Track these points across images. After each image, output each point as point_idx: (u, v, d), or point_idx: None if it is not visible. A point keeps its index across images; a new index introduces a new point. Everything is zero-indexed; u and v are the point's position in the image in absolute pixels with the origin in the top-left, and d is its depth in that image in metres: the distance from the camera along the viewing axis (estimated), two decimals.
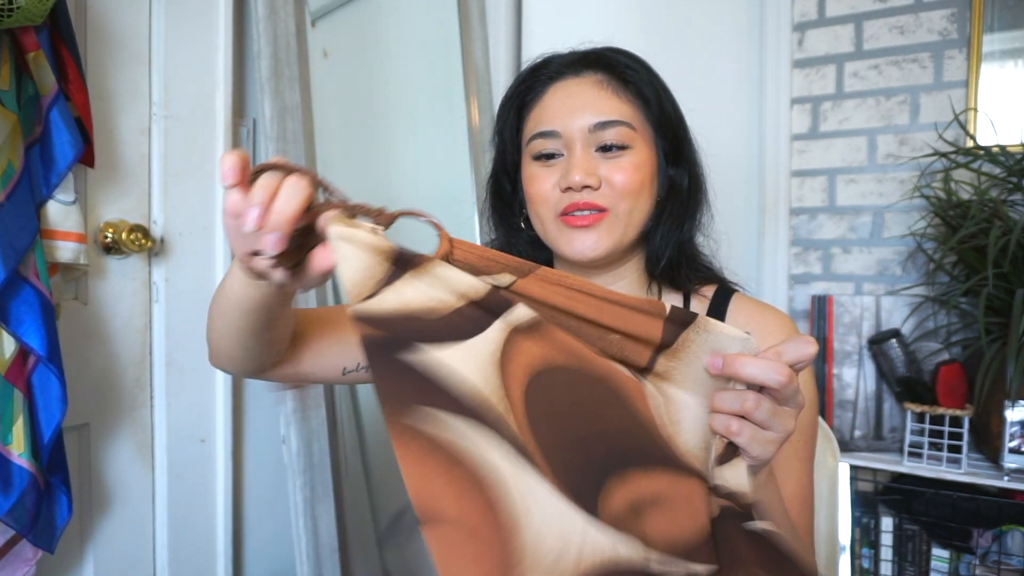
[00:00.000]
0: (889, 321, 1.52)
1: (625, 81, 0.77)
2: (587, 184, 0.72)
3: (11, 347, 0.86)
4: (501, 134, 0.83)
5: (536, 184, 0.76)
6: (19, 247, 0.84)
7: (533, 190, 0.76)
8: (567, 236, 0.75)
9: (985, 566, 1.36)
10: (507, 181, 0.84)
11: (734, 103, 1.80)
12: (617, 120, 0.74)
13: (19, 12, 0.82)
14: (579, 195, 0.73)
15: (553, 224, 0.76)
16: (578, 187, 0.73)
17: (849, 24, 1.68)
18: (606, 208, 0.73)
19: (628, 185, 0.74)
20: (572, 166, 0.73)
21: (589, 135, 0.74)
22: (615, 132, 0.74)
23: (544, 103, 0.78)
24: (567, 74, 0.78)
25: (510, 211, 0.84)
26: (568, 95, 0.76)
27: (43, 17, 0.86)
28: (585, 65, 0.78)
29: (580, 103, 0.75)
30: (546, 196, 0.75)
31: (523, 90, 0.80)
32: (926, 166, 1.57)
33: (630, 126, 0.75)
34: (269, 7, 1.23)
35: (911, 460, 1.39)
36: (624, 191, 0.74)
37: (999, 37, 1.52)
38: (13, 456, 0.85)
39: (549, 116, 0.76)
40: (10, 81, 0.86)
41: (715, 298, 0.80)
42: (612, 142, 0.74)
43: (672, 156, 0.79)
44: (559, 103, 0.76)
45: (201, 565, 1.23)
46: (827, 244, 1.71)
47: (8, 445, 0.85)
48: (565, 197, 0.74)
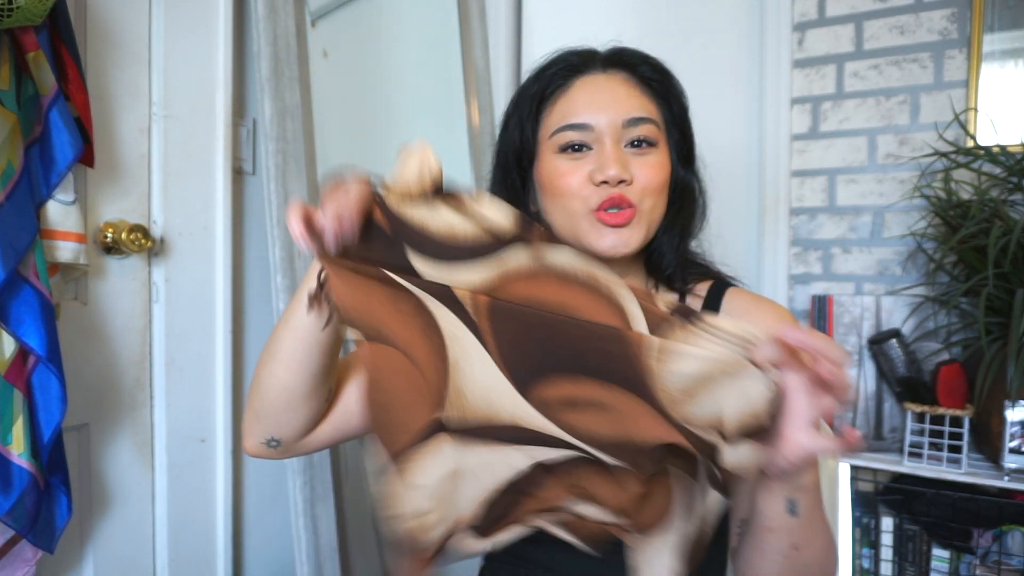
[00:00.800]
0: (889, 321, 1.52)
1: (647, 81, 0.78)
2: (623, 179, 0.72)
3: (11, 347, 0.86)
4: (520, 127, 0.80)
5: (565, 178, 0.75)
6: (19, 247, 0.84)
7: (562, 183, 0.75)
8: (599, 232, 0.73)
9: (985, 566, 1.36)
10: (518, 176, 0.82)
11: (734, 103, 1.80)
12: (647, 117, 0.75)
13: (19, 12, 0.82)
14: (615, 189, 0.73)
15: (584, 219, 0.74)
16: (615, 181, 0.72)
17: (849, 24, 1.68)
18: (635, 204, 0.73)
19: (655, 182, 0.74)
20: (607, 160, 0.72)
21: (621, 130, 0.74)
22: (645, 128, 0.74)
23: (571, 96, 0.77)
24: (594, 69, 0.78)
25: (520, 206, 0.83)
26: (598, 89, 0.76)
27: (43, 17, 0.86)
28: (610, 63, 0.78)
29: (611, 98, 0.75)
30: (576, 190, 0.74)
31: (544, 83, 0.79)
32: (926, 166, 1.56)
33: (657, 125, 0.76)
34: (269, 7, 1.23)
35: (911, 460, 1.39)
36: (650, 188, 0.74)
37: (999, 37, 1.52)
38: (13, 456, 0.85)
39: (578, 109, 0.75)
40: (10, 81, 0.86)
41: (710, 294, 0.80)
42: (643, 137, 0.74)
43: (684, 160, 0.80)
44: (588, 97, 0.76)
45: (201, 565, 1.23)
46: (827, 244, 1.71)
47: (8, 445, 0.85)
48: (600, 191, 0.73)
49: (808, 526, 0.63)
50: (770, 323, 0.76)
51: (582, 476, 0.62)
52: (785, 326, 0.55)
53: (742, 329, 0.55)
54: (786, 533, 0.63)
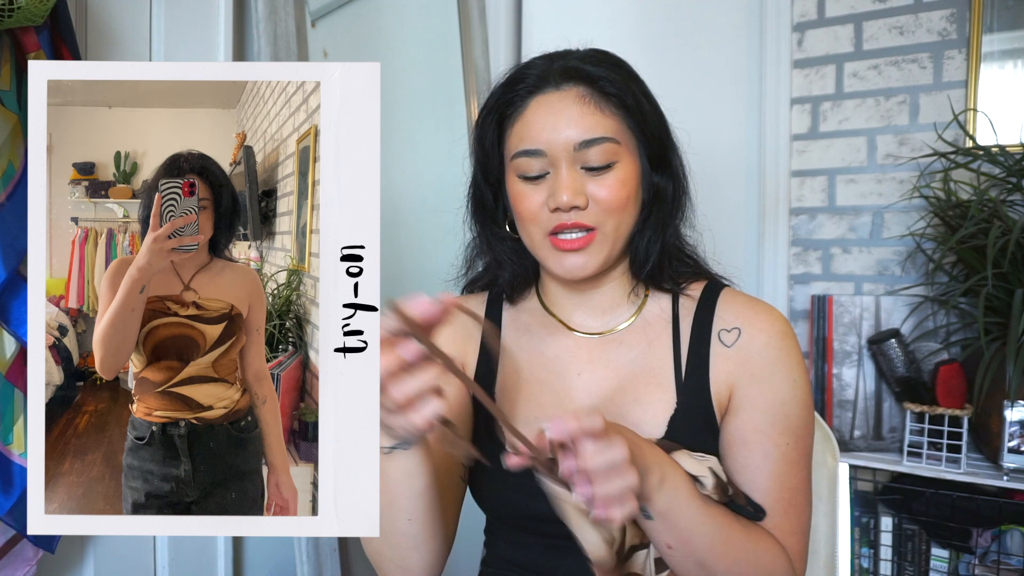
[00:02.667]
0: (889, 321, 1.53)
1: (606, 93, 0.75)
2: (575, 205, 0.72)
3: (11, 347, 0.86)
4: (482, 145, 0.81)
5: (524, 203, 0.75)
6: (19, 247, 0.84)
7: (522, 208, 0.76)
8: (556, 257, 0.74)
9: (984, 566, 1.36)
10: (488, 191, 0.83)
11: (734, 103, 1.80)
12: (602, 137, 0.73)
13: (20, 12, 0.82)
14: (567, 215, 0.73)
15: (542, 243, 0.75)
16: (567, 207, 0.72)
17: (849, 24, 1.68)
18: (594, 227, 0.73)
19: (615, 202, 0.73)
20: (559, 187, 0.72)
21: (575, 153, 0.73)
22: (600, 150, 0.73)
23: (527, 119, 0.76)
24: (548, 88, 0.76)
25: (492, 220, 0.84)
26: (551, 111, 0.74)
27: (44, 17, 0.86)
28: (565, 78, 0.76)
29: (564, 120, 0.73)
30: (534, 215, 0.75)
31: (503, 103, 0.78)
32: (925, 166, 1.57)
33: (615, 141, 0.74)
34: (269, 7, 1.23)
35: (910, 460, 1.39)
36: (611, 208, 0.73)
37: (999, 37, 1.52)
38: (14, 456, 0.85)
39: (533, 133, 0.75)
40: (11, 81, 0.87)
41: (704, 295, 0.80)
42: (597, 163, 0.73)
43: (656, 161, 0.78)
44: (542, 120, 0.74)
45: (201, 565, 1.23)
46: (827, 244, 1.71)
47: (9, 445, 0.85)
48: (554, 217, 0.73)
49: (673, 528, 0.65)
50: (763, 327, 0.76)
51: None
52: (553, 420, 0.57)
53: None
54: (655, 533, 0.67)
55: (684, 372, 0.77)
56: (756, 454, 0.73)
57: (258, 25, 1.22)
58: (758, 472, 0.73)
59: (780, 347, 0.76)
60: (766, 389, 0.75)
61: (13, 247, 0.84)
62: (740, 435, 0.74)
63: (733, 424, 0.75)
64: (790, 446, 0.74)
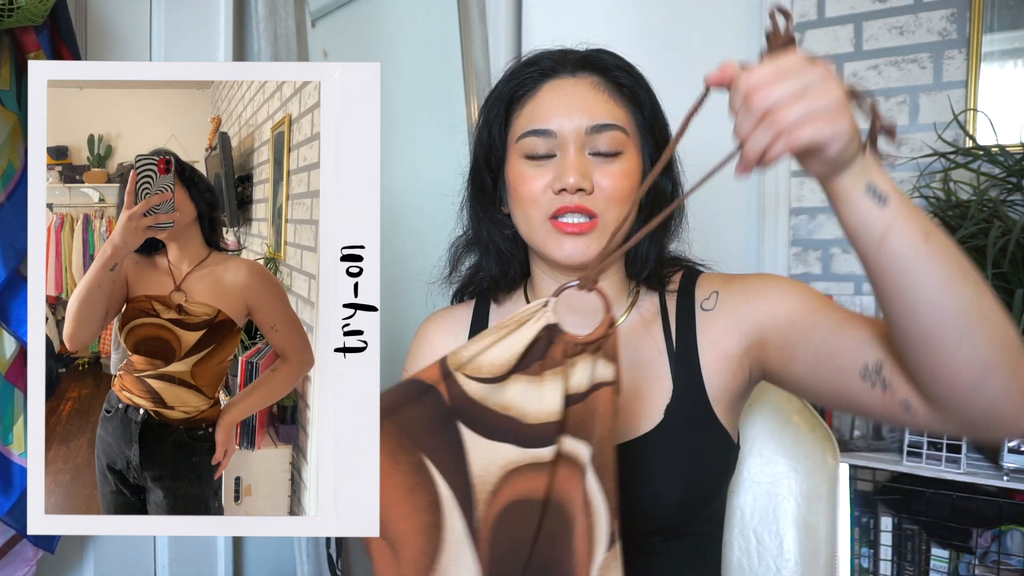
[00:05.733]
0: None
1: (619, 85, 0.76)
2: (581, 187, 0.71)
3: (11, 347, 0.86)
4: (488, 128, 0.80)
5: (527, 184, 0.75)
6: (19, 247, 0.84)
7: (523, 190, 0.75)
8: (556, 239, 0.73)
9: (984, 566, 1.36)
10: (489, 177, 0.82)
11: None
12: (613, 124, 0.73)
13: (19, 12, 0.82)
14: (572, 197, 0.72)
15: (542, 226, 0.74)
16: (573, 189, 0.71)
17: (848, 24, 1.68)
18: (596, 214, 0.73)
19: (619, 191, 0.73)
20: (567, 167, 0.72)
21: (585, 137, 0.73)
22: (609, 137, 0.73)
23: (538, 100, 0.76)
24: (562, 73, 0.76)
25: (492, 207, 0.83)
26: (564, 94, 0.75)
27: (43, 17, 0.86)
28: (581, 66, 0.76)
29: (577, 103, 0.74)
30: (536, 197, 0.74)
31: (514, 85, 0.78)
32: (925, 166, 1.57)
33: (624, 131, 0.74)
34: (269, 7, 1.23)
35: (910, 460, 1.39)
36: (614, 197, 0.73)
37: (999, 37, 1.52)
38: (14, 456, 0.85)
39: (543, 114, 0.75)
40: (10, 81, 0.87)
41: (683, 282, 0.81)
42: (606, 149, 0.73)
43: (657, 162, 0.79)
44: (554, 101, 0.75)
45: (201, 565, 1.23)
46: (827, 244, 1.71)
47: (8, 445, 0.85)
48: (557, 199, 0.73)
49: (916, 215, 0.52)
50: (744, 284, 0.77)
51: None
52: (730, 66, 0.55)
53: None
54: (896, 224, 0.52)
55: (676, 357, 0.77)
56: (818, 324, 0.68)
57: (258, 25, 1.22)
58: (837, 321, 0.66)
59: (755, 276, 0.78)
60: (765, 296, 0.74)
61: (13, 247, 0.84)
62: (793, 336, 0.69)
63: (775, 344, 0.71)
64: (821, 299, 0.71)
